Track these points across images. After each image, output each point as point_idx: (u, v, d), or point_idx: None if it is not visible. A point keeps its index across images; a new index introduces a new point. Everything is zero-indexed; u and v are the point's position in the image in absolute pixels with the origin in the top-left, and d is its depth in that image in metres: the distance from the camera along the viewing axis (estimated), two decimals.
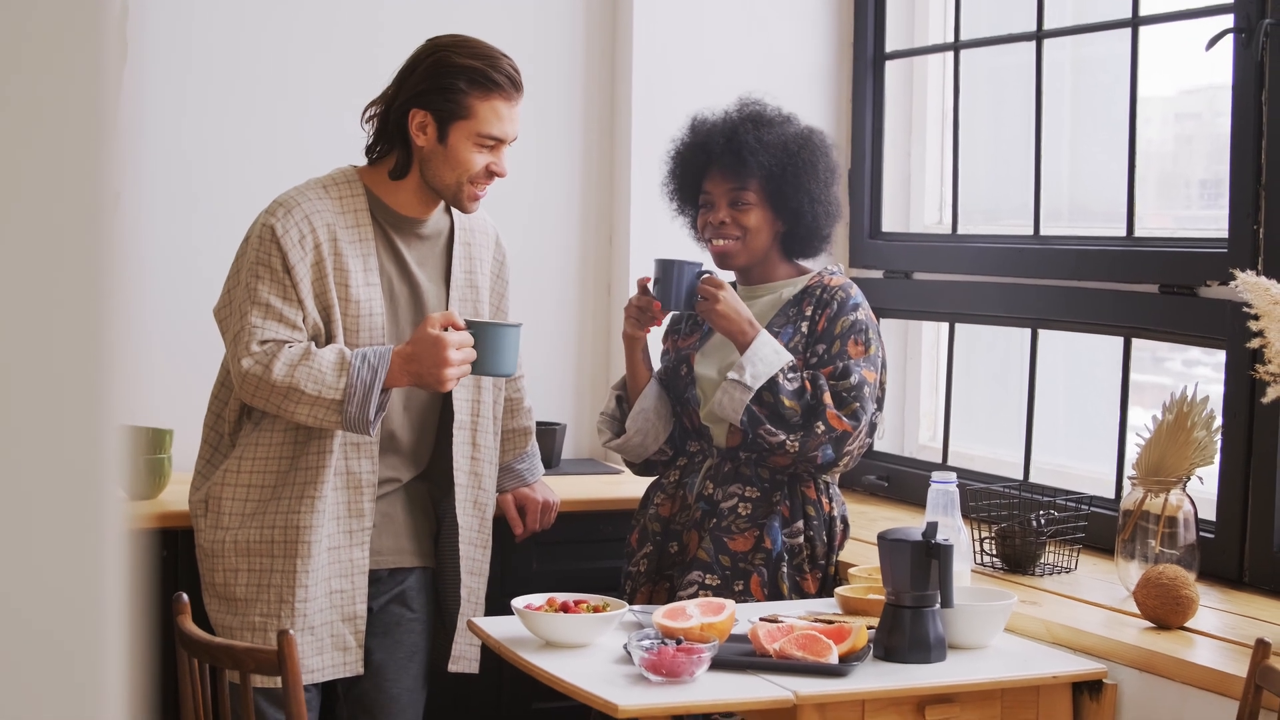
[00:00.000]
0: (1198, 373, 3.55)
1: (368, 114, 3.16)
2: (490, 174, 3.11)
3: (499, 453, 3.40)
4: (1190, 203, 3.74)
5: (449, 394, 3.21)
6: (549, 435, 4.08)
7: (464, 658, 3.29)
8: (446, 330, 2.99)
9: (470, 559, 3.28)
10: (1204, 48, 3.22)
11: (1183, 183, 3.82)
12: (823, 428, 3.13)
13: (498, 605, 3.33)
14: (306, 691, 3.08)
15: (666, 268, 3.24)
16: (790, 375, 3.15)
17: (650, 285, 3.27)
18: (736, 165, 3.28)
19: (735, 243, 3.30)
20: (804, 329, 3.27)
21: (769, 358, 3.15)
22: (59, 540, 0.75)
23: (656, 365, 3.47)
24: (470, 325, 3.03)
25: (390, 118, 3.10)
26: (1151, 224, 3.65)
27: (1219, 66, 3.26)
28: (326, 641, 3.10)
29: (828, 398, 3.14)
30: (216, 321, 3.15)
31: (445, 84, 3.05)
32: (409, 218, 3.16)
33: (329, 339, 3.07)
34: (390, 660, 3.23)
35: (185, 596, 2.86)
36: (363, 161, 3.20)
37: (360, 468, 3.12)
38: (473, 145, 3.07)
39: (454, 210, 3.24)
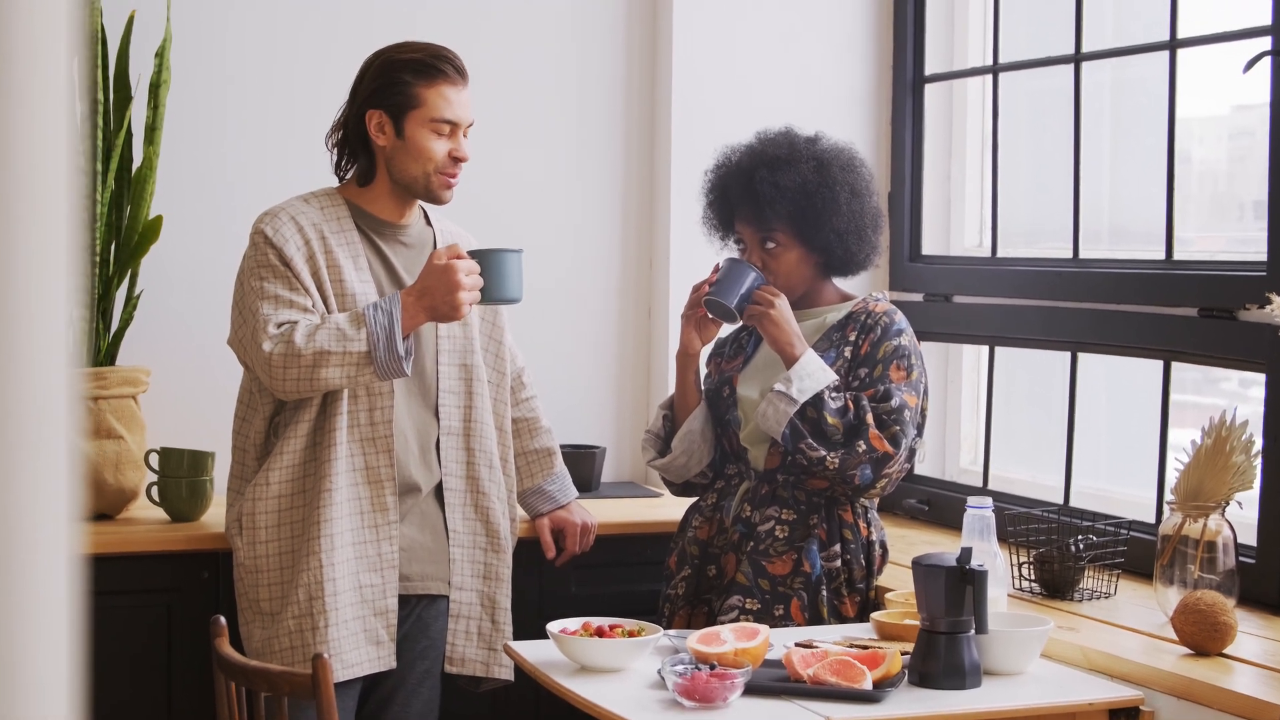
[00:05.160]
0: (1253, 394, 3.51)
1: (331, 140, 3.29)
2: (455, 160, 3.22)
3: (514, 465, 3.45)
4: (1245, 223, 3.70)
5: (438, 403, 3.26)
6: (589, 458, 4.09)
7: (473, 660, 3.30)
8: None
9: (475, 563, 3.31)
10: (1241, 70, 3.20)
11: (1236, 203, 3.80)
12: (864, 447, 3.13)
13: (535, 629, 3.33)
14: (348, 688, 3.13)
15: (733, 265, 3.28)
16: (834, 394, 3.15)
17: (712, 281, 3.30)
18: (758, 213, 3.30)
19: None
20: (846, 353, 3.27)
21: (816, 374, 3.16)
22: None
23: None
24: (473, 254, 3.12)
25: (350, 130, 3.23)
26: (1204, 245, 3.63)
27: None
28: (360, 636, 3.14)
29: (870, 418, 3.14)
30: (233, 349, 3.21)
31: (392, 80, 3.19)
32: (388, 222, 3.27)
33: None
34: (400, 685, 3.26)
35: (223, 620, 2.88)
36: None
37: (378, 462, 3.17)
38: (430, 133, 3.19)
39: (435, 224, 3.37)
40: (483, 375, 3.34)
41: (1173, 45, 3.50)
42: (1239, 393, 3.62)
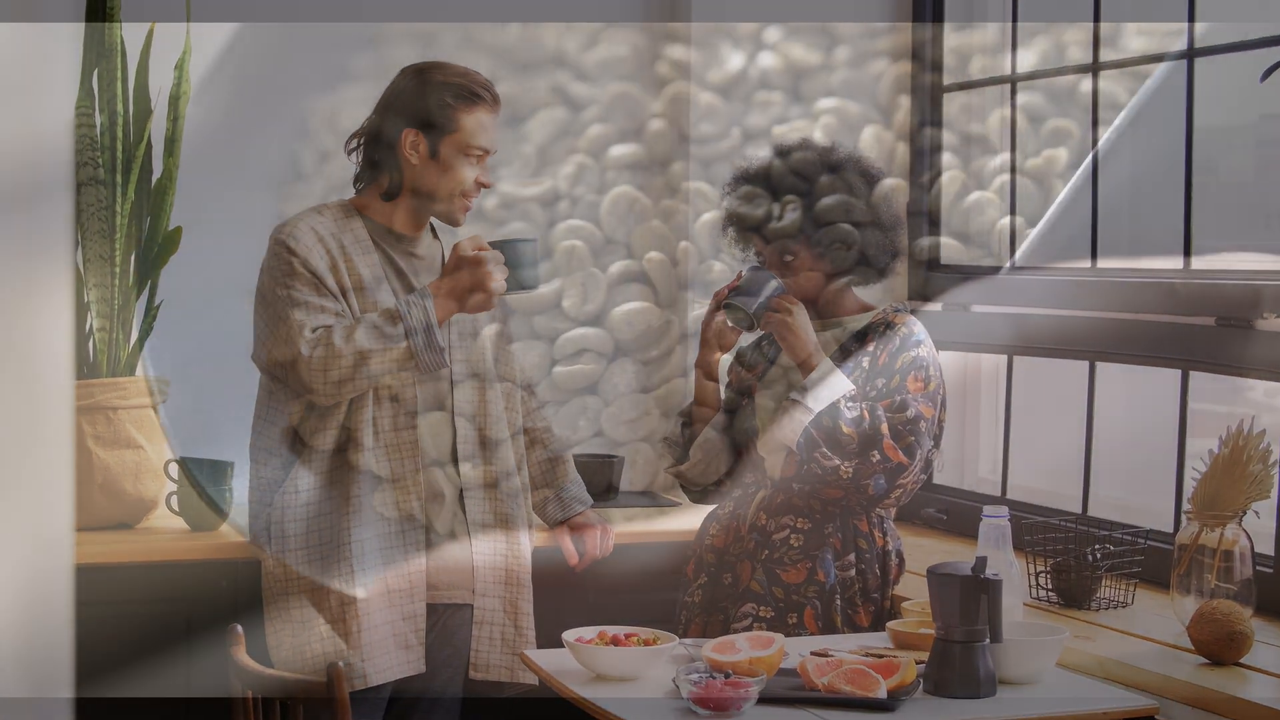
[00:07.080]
0: (1278, 403, 3.50)
1: (351, 145, 3.30)
2: (478, 185, 3.26)
3: (528, 472, 3.46)
4: (1273, 232, 3.69)
5: (453, 411, 3.27)
6: (606, 467, 4.10)
7: (497, 666, 3.32)
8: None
9: (497, 570, 3.32)
10: (1259, 79, 3.20)
11: (1263, 212, 3.78)
12: (878, 457, 3.14)
13: (551, 638, 3.34)
14: (377, 693, 3.16)
15: (755, 273, 3.32)
16: (850, 404, 3.16)
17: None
18: (773, 234, 3.32)
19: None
20: (864, 364, 3.28)
21: (832, 383, 3.17)
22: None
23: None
24: (494, 244, 3.18)
25: (380, 143, 3.25)
26: (1232, 255, 3.61)
27: None
28: (390, 641, 3.16)
29: (885, 428, 3.14)
30: (257, 364, 3.22)
31: (434, 101, 3.20)
32: (403, 235, 3.30)
33: None
34: (424, 693, 3.29)
35: (240, 628, 2.90)
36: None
37: (403, 469, 3.20)
38: (463, 157, 3.22)
39: (441, 237, 3.39)
40: (495, 384, 3.36)
41: (1190, 54, 3.49)
42: (1264, 402, 3.60)
